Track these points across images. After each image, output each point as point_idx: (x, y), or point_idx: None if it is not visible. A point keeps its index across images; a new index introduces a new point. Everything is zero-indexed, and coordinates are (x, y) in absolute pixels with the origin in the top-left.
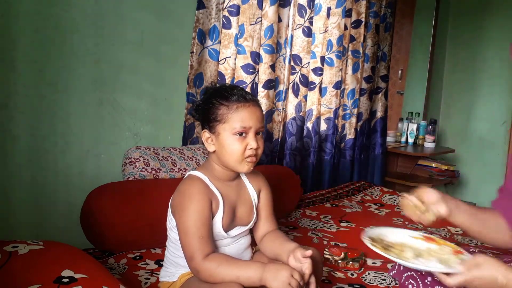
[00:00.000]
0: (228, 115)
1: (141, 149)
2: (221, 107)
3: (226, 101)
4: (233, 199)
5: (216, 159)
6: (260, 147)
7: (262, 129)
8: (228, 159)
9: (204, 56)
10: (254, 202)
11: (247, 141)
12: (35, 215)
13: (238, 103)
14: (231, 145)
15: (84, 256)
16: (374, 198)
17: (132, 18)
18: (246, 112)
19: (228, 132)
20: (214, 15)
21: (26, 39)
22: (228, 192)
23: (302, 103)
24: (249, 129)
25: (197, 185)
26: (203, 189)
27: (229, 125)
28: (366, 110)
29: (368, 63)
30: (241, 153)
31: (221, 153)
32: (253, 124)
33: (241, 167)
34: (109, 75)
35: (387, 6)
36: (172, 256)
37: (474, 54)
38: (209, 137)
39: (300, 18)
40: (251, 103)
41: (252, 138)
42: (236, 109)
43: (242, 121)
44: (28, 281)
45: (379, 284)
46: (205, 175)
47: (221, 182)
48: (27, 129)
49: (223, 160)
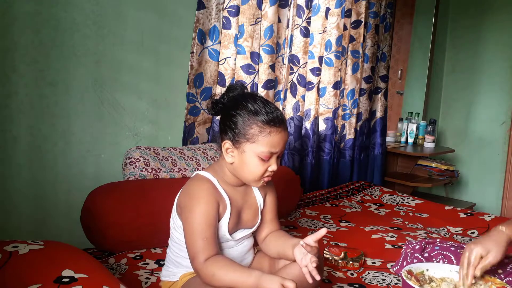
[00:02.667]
0: (259, 137)
1: (141, 149)
2: (253, 126)
3: (259, 121)
4: (240, 203)
5: (231, 169)
6: (277, 168)
7: (283, 151)
8: (245, 176)
9: (204, 56)
10: (260, 206)
11: (269, 164)
12: (35, 215)
13: (272, 127)
14: (253, 166)
15: (84, 256)
16: (374, 198)
17: (132, 18)
18: (277, 138)
19: (253, 153)
20: (214, 15)
21: (27, 39)
22: (235, 196)
23: (300, 103)
24: (275, 154)
25: (206, 186)
26: (212, 191)
27: (257, 147)
28: (365, 110)
29: (367, 63)
30: (262, 174)
31: (240, 168)
32: (280, 149)
33: (254, 184)
34: (109, 75)
35: (386, 6)
36: (174, 255)
37: (473, 54)
38: (230, 148)
39: (298, 18)
40: (283, 127)
41: (274, 161)
42: (269, 133)
43: (272, 146)
44: (28, 281)
45: (379, 283)
46: (215, 177)
47: (230, 186)
48: (28, 129)
49: (239, 175)
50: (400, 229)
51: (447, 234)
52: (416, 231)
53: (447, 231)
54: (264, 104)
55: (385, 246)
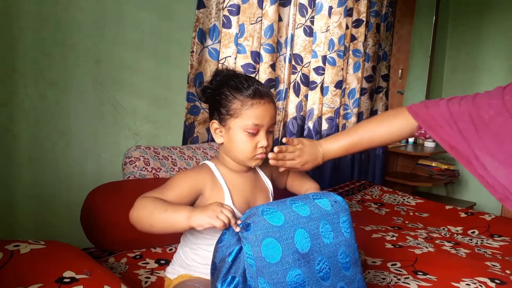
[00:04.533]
0: (241, 111)
1: (141, 148)
2: (235, 101)
3: (241, 94)
4: (248, 190)
5: (225, 151)
6: (270, 145)
7: (273, 127)
8: (236, 155)
9: (204, 55)
10: (269, 189)
11: (258, 139)
12: (36, 214)
13: (254, 99)
14: (241, 142)
15: (85, 256)
16: (374, 198)
17: (132, 18)
18: (260, 110)
19: (239, 128)
20: (214, 14)
21: (27, 39)
22: (240, 183)
23: (302, 102)
24: (261, 127)
25: (199, 168)
26: (201, 174)
27: (241, 121)
28: (366, 109)
29: (369, 62)
30: (252, 150)
31: (230, 147)
32: (266, 122)
33: (249, 163)
34: (109, 74)
35: (388, 5)
36: (186, 257)
37: (474, 53)
38: (218, 128)
39: (301, 17)
40: (266, 100)
41: (263, 136)
42: (251, 105)
43: (256, 118)
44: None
45: (379, 283)
46: (215, 164)
47: (235, 174)
48: (28, 128)
49: (231, 154)
50: (400, 228)
51: (448, 234)
52: (417, 231)
53: (447, 230)
54: (246, 79)
55: (386, 246)
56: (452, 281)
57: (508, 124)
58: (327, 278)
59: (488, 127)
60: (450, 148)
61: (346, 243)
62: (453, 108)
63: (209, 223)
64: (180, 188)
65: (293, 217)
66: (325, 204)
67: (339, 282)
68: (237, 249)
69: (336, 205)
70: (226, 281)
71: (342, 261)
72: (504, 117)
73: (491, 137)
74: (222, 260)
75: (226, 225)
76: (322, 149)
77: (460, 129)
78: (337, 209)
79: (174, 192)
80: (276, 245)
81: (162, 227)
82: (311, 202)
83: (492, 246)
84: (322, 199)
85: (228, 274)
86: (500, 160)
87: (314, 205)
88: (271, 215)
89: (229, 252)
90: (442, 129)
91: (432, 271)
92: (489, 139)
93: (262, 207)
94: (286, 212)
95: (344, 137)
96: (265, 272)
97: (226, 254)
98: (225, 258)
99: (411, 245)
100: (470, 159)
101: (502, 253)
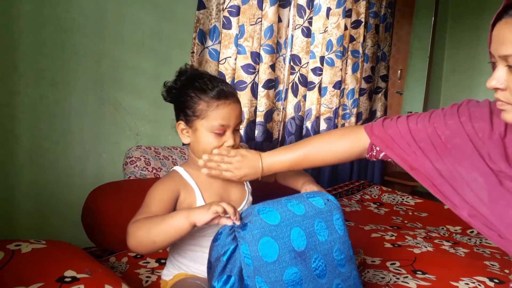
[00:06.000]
0: (207, 112)
1: (142, 148)
2: (200, 102)
3: (206, 96)
4: (219, 186)
5: (192, 151)
6: (237, 143)
7: (239, 125)
8: (203, 154)
9: (204, 56)
10: (245, 183)
11: (224, 139)
12: (37, 214)
13: (219, 100)
14: (208, 142)
15: (86, 255)
16: (374, 197)
17: (133, 18)
18: (226, 110)
19: (206, 129)
20: (215, 15)
21: (28, 39)
22: (211, 180)
23: (301, 102)
24: (227, 127)
25: (169, 176)
26: (172, 179)
27: (207, 122)
28: (365, 109)
29: (367, 63)
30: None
31: (197, 148)
32: (232, 122)
33: None
34: (110, 75)
35: (387, 6)
36: (175, 259)
37: (473, 54)
38: (184, 129)
39: (299, 18)
40: (231, 100)
41: (229, 136)
42: (217, 106)
43: (222, 119)
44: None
45: (378, 282)
46: (184, 168)
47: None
48: (29, 128)
49: (198, 154)
50: (399, 228)
51: (446, 233)
52: (416, 230)
53: (446, 230)
54: (211, 80)
55: (385, 245)
56: (451, 280)
57: (465, 146)
58: (323, 276)
59: (445, 147)
60: (410, 169)
61: (341, 240)
62: (412, 125)
63: (209, 214)
64: (160, 199)
65: (289, 215)
66: (318, 203)
67: (335, 279)
68: (232, 248)
69: (328, 203)
70: (222, 280)
71: (337, 258)
72: (461, 138)
73: (449, 156)
74: (217, 259)
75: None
76: (264, 162)
77: (420, 147)
78: (330, 207)
79: (156, 205)
80: (273, 244)
81: (164, 238)
82: (306, 200)
83: (491, 245)
84: (316, 198)
85: (223, 273)
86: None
87: (308, 203)
88: (267, 214)
89: (224, 251)
90: (400, 148)
91: (431, 270)
92: (448, 158)
93: (258, 206)
94: (282, 211)
95: (287, 151)
96: (263, 271)
97: (221, 253)
98: (220, 257)
99: (410, 245)
100: (432, 179)
101: (501, 252)
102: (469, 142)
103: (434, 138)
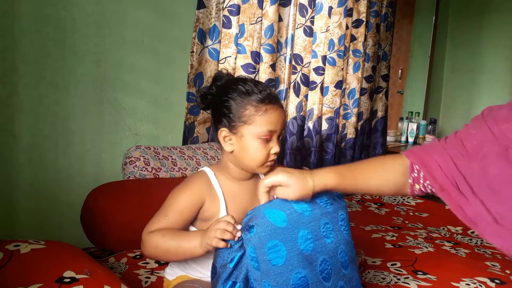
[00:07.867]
0: (255, 117)
1: (141, 148)
2: (247, 107)
3: (254, 100)
4: (246, 200)
5: (233, 160)
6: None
7: (283, 132)
8: (248, 162)
9: (204, 55)
10: (273, 197)
11: (271, 146)
12: (36, 214)
13: (267, 105)
14: (255, 150)
15: (86, 256)
16: (374, 197)
17: (132, 18)
18: (274, 115)
19: (253, 135)
20: (214, 14)
21: (27, 39)
22: (239, 192)
23: (303, 102)
24: (274, 133)
25: (196, 179)
26: (199, 183)
27: (255, 127)
28: (366, 109)
29: (369, 62)
30: (264, 158)
31: (242, 155)
32: (279, 128)
33: (259, 170)
34: (109, 74)
35: (388, 5)
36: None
37: (474, 53)
38: (227, 136)
39: (301, 17)
40: (278, 105)
41: (276, 142)
42: (265, 111)
43: (271, 124)
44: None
45: (379, 282)
46: (215, 172)
47: (235, 182)
48: (28, 128)
49: (242, 163)
50: (400, 228)
51: (447, 234)
52: (416, 231)
53: (447, 230)
54: (255, 84)
55: (386, 246)
56: (452, 281)
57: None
58: (328, 279)
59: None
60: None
61: (345, 241)
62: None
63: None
64: (180, 211)
65: (295, 217)
66: (325, 202)
67: (339, 282)
68: (239, 255)
69: (335, 203)
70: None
71: (342, 260)
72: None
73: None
74: (223, 266)
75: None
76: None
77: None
78: (336, 206)
79: (175, 217)
80: (281, 248)
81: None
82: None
83: (492, 246)
84: (322, 197)
85: (228, 280)
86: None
87: (314, 203)
88: (274, 215)
89: (231, 259)
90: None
91: (432, 271)
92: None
93: (264, 207)
94: (289, 213)
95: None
96: (270, 275)
97: (227, 260)
98: (226, 264)
99: (411, 245)
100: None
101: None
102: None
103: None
